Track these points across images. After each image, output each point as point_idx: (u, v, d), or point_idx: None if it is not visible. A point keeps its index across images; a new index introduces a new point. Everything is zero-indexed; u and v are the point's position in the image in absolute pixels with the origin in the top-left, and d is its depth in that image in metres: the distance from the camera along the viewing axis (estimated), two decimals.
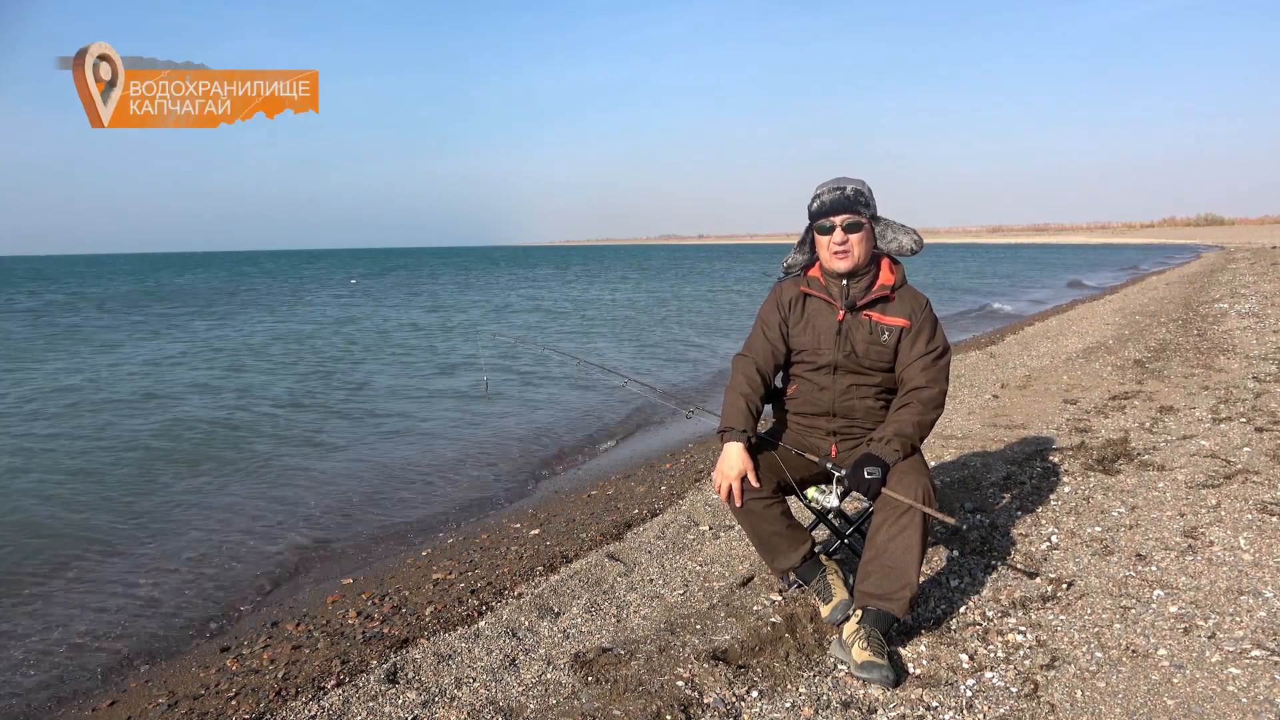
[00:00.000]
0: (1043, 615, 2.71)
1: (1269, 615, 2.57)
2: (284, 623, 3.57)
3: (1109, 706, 2.18)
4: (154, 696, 2.99)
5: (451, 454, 6.66)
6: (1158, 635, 2.52)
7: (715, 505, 4.31)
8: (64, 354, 13.50)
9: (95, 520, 5.09)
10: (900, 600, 2.43)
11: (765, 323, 2.78)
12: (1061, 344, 9.70)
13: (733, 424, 2.60)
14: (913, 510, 2.42)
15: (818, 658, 2.54)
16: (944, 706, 2.22)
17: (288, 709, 2.55)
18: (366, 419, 8.12)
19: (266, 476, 6.07)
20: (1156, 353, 8.05)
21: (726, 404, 2.67)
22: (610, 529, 4.31)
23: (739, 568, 3.34)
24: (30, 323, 20.06)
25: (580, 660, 2.61)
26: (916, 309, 2.67)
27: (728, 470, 2.57)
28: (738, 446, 2.58)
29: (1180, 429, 4.90)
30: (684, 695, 2.33)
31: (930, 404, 2.61)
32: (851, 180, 2.64)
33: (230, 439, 7.23)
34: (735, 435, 2.59)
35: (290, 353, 13.40)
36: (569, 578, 3.42)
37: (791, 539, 2.73)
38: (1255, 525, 3.28)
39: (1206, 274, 20.88)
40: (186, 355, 13.20)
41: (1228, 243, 58.72)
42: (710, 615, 2.88)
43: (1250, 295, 13.04)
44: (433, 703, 2.44)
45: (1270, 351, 7.41)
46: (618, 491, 5.26)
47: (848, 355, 2.67)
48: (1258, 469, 3.97)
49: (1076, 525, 3.47)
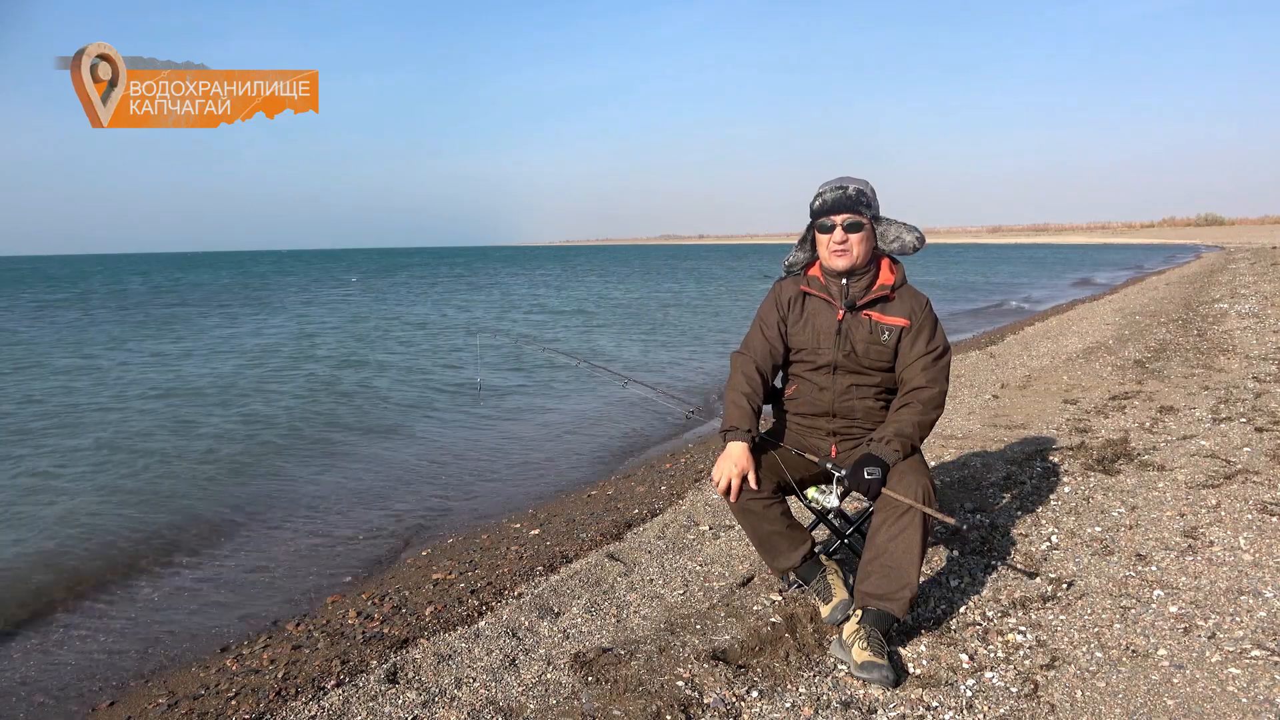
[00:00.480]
0: (1043, 615, 2.71)
1: (1269, 615, 2.57)
2: (284, 622, 3.57)
3: (1109, 706, 2.18)
4: (154, 696, 2.99)
5: (450, 454, 6.65)
6: (1158, 635, 2.52)
7: (715, 505, 4.31)
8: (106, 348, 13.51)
9: (92, 519, 5.09)
10: (900, 600, 2.43)
11: (764, 321, 2.78)
12: (1061, 344, 9.70)
13: (736, 424, 2.60)
14: (913, 510, 2.42)
15: (818, 658, 2.54)
16: (944, 706, 2.22)
17: (288, 709, 2.55)
18: (365, 419, 8.12)
19: (266, 476, 6.07)
20: (1156, 353, 8.05)
21: (728, 403, 2.67)
22: (610, 529, 4.31)
23: (739, 568, 3.34)
24: (73, 322, 20.06)
25: (580, 660, 2.61)
26: (917, 309, 2.66)
27: (729, 466, 2.56)
28: (742, 446, 2.57)
29: (1180, 429, 4.90)
30: (684, 695, 2.33)
31: (930, 404, 2.61)
32: (854, 180, 2.64)
33: (230, 439, 7.23)
34: (739, 435, 2.58)
35: (294, 354, 13.40)
36: (569, 578, 3.42)
37: (791, 539, 2.73)
38: (1255, 525, 3.28)
39: (1206, 274, 20.88)
40: (193, 353, 13.21)
41: (1228, 243, 58.72)
42: (710, 615, 2.88)
43: (1250, 295, 13.04)
44: (433, 703, 2.44)
45: (1270, 351, 7.41)
46: (618, 491, 5.26)
47: (847, 355, 2.67)
48: (1258, 469, 3.97)
49: (1076, 525, 3.47)
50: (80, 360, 12.63)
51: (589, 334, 16.42)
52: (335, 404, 8.91)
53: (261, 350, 13.79)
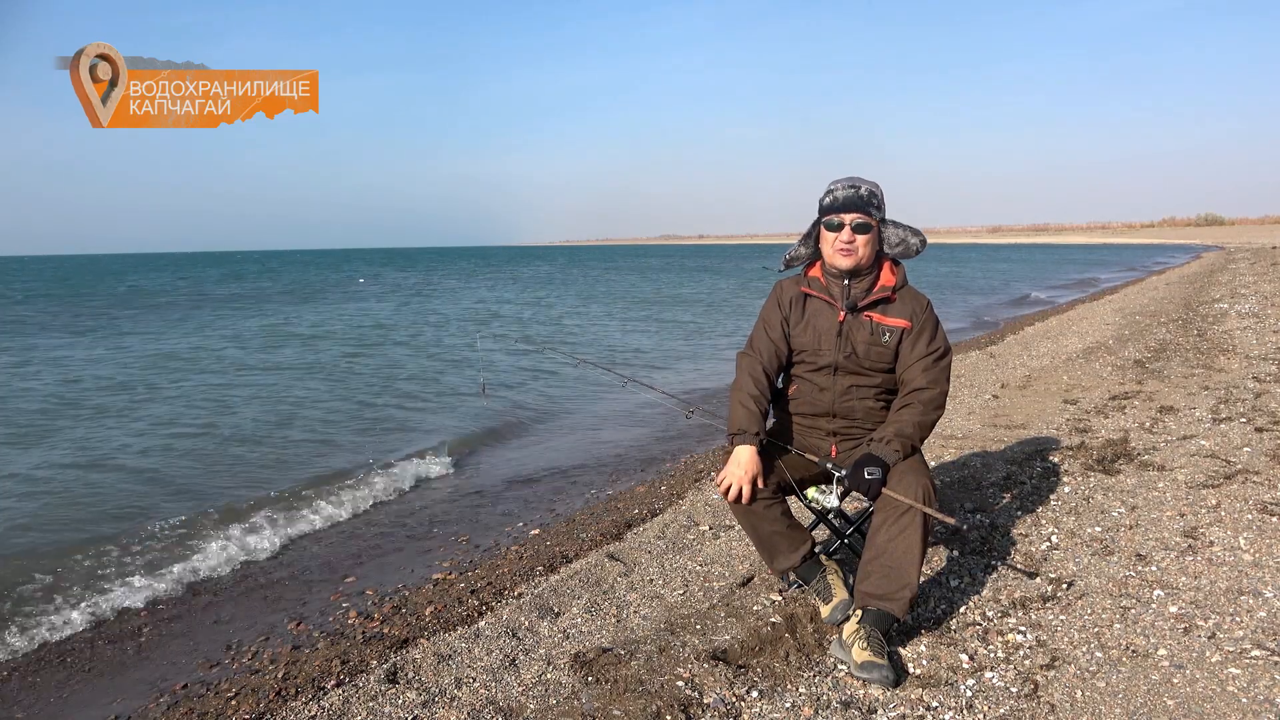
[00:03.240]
0: (1043, 615, 2.71)
1: (1269, 615, 2.57)
2: (284, 622, 3.57)
3: (1109, 706, 2.18)
4: (154, 696, 3.00)
5: (450, 453, 6.65)
6: (1158, 635, 2.52)
7: (715, 505, 4.31)
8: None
9: (88, 519, 5.09)
10: (900, 600, 2.43)
11: (767, 322, 2.78)
12: (1061, 344, 9.70)
13: (744, 427, 2.59)
14: (913, 510, 2.42)
15: (818, 658, 2.54)
16: (944, 706, 2.22)
17: (288, 709, 2.55)
18: (364, 418, 8.12)
19: (265, 475, 6.07)
20: (1156, 353, 8.05)
21: (734, 405, 2.66)
22: (610, 529, 4.31)
23: (739, 568, 3.34)
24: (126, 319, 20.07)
25: (580, 660, 2.61)
26: (918, 310, 2.66)
27: (737, 470, 2.56)
28: (750, 449, 2.57)
29: (1180, 429, 4.90)
30: (684, 695, 2.33)
31: (931, 404, 2.60)
32: (866, 181, 2.64)
33: (233, 436, 7.23)
34: (747, 439, 2.58)
35: (307, 345, 13.41)
36: (569, 578, 3.42)
37: (792, 539, 2.73)
38: (1255, 525, 3.28)
39: (1206, 274, 20.88)
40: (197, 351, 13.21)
41: (1228, 243, 58.73)
42: (710, 615, 2.88)
43: (1250, 295, 13.04)
44: (433, 703, 2.44)
45: (1270, 351, 7.41)
46: (618, 491, 5.26)
47: (848, 356, 2.67)
48: (1258, 469, 3.97)
49: (1076, 525, 3.47)
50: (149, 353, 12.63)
51: (590, 333, 16.42)
52: (333, 404, 8.91)
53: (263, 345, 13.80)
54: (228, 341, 15.08)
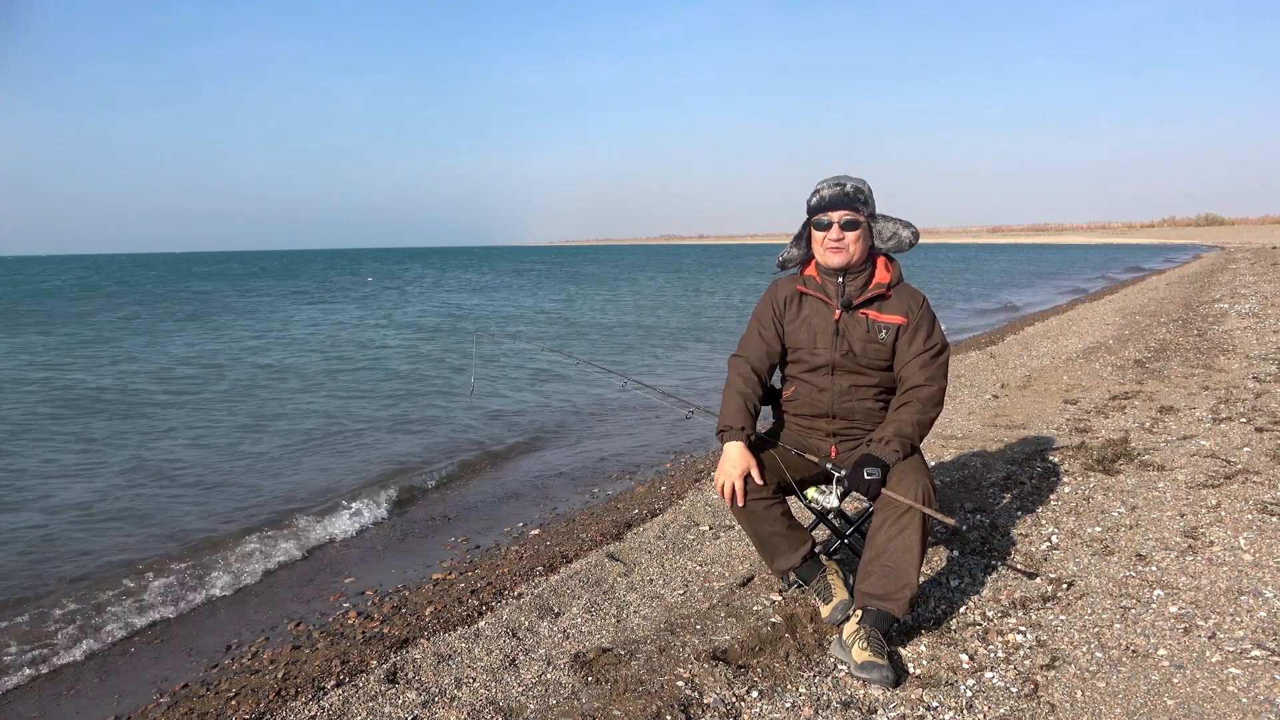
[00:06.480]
0: (1043, 615, 2.71)
1: (1269, 615, 2.57)
2: (284, 622, 3.57)
3: (1109, 706, 2.18)
4: (154, 696, 2.99)
5: (448, 453, 6.65)
6: (1158, 635, 2.52)
7: (715, 505, 4.31)
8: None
9: (88, 519, 5.10)
10: (900, 600, 2.43)
11: (760, 321, 2.78)
12: (1062, 344, 9.70)
13: (731, 423, 2.60)
14: (913, 510, 2.42)
15: (818, 658, 2.54)
16: (944, 706, 2.22)
17: (288, 709, 2.55)
18: (364, 418, 8.12)
19: (265, 476, 6.07)
20: (1156, 353, 8.05)
21: (724, 403, 2.67)
22: (610, 529, 4.31)
23: (739, 568, 3.34)
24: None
25: (580, 660, 2.61)
26: (914, 306, 2.66)
27: (730, 470, 2.57)
28: (738, 445, 2.58)
29: (1180, 429, 4.90)
30: (684, 695, 2.33)
31: (929, 402, 2.60)
32: (852, 178, 2.64)
33: (233, 438, 7.23)
34: (735, 435, 2.59)
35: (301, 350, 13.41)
36: (569, 578, 3.42)
37: (792, 539, 2.73)
38: (1255, 525, 3.28)
39: (1206, 274, 20.88)
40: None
41: (1228, 243, 58.70)
42: (710, 615, 2.88)
43: (1250, 295, 13.04)
44: (433, 703, 2.44)
45: (1270, 351, 7.41)
46: (618, 492, 5.26)
47: (845, 354, 2.67)
48: (1258, 469, 3.97)
49: (1076, 525, 3.47)
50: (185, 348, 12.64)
51: (590, 333, 16.42)
52: (333, 404, 8.91)
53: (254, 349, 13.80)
54: (260, 345, 15.07)
